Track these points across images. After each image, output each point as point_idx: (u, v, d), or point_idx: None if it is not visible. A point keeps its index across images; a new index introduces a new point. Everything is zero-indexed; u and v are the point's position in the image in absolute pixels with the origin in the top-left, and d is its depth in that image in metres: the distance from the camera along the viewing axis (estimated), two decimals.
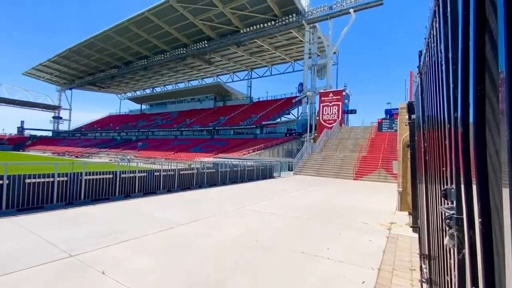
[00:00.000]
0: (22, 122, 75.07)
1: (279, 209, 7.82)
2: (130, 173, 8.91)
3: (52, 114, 78.02)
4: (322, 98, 32.97)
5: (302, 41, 39.48)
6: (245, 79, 59.38)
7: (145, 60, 50.89)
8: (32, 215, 6.22)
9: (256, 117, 46.82)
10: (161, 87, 71.62)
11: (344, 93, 32.47)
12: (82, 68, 60.83)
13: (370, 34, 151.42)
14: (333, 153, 21.39)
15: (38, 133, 76.01)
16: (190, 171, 11.44)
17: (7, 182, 6.27)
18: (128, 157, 36.82)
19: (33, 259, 3.81)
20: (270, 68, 55.19)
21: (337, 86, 41.03)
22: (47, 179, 6.91)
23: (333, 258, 4.25)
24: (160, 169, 10.01)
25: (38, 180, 6.72)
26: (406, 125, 4.72)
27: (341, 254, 4.42)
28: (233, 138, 45.24)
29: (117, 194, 8.47)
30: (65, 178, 7.24)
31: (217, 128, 48.74)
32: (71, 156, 46.96)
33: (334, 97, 31.96)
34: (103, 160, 38.85)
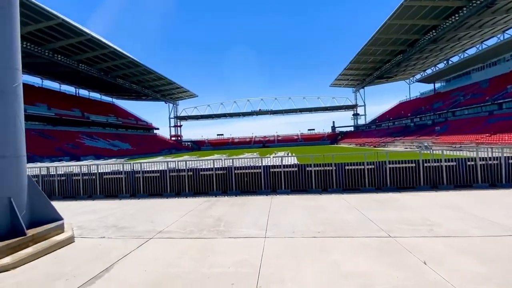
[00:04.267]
0: (333, 122, 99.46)
1: None
2: (435, 162, 8.08)
3: (351, 112, 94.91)
4: None
5: None
6: None
7: (433, 31, 44.18)
8: (352, 194, 7.85)
9: None
10: (459, 55, 57.82)
11: None
12: (370, 66, 67.21)
13: None
14: None
15: (344, 129, 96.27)
16: None
17: (334, 168, 8.52)
18: (425, 144, 34.06)
19: (360, 230, 4.75)
20: None
21: None
22: (359, 167, 8.38)
23: None
24: (475, 157, 7.99)
25: (353, 167, 8.39)
26: None
27: None
28: None
29: (422, 184, 8.09)
30: (372, 166, 8.31)
31: None
32: (370, 146, 53.45)
33: None
34: (398, 149, 39.56)
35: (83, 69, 53.02)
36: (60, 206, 5.46)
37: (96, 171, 9.60)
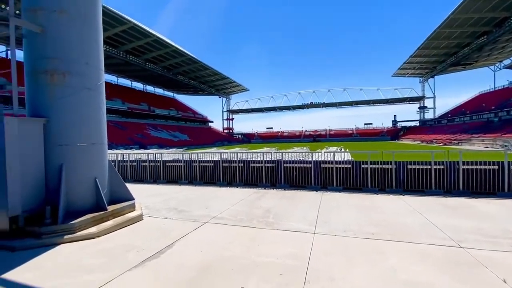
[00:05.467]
0: (395, 116, 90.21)
1: None
2: None
3: (417, 105, 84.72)
4: None
5: None
6: None
7: None
8: (413, 196, 7.09)
9: None
10: None
11: None
12: (442, 52, 58.61)
13: None
14: None
15: (407, 124, 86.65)
16: None
17: (394, 166, 7.80)
18: None
19: (423, 236, 4.29)
20: None
21: None
22: (424, 166, 7.50)
23: None
24: None
25: (417, 166, 7.55)
26: None
27: None
28: None
29: (506, 190, 6.83)
30: (441, 166, 7.34)
31: None
32: (438, 143, 47.13)
33: None
34: (476, 148, 34.02)
35: (150, 67, 59.25)
36: (131, 187, 6.30)
37: (160, 159, 10.74)
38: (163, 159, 10.77)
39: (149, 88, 78.53)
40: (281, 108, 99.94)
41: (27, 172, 4.60)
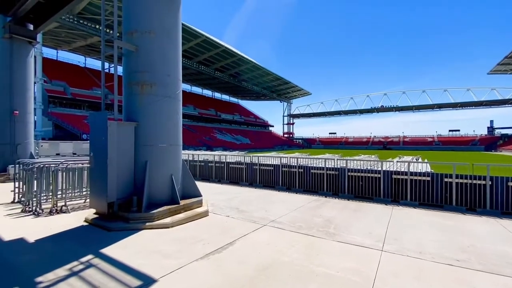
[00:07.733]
0: (491, 121, 74.69)
1: None
2: None
3: None
4: None
5: None
6: None
7: None
8: None
9: None
10: None
11: None
12: None
13: None
14: None
15: (509, 132, 70.41)
16: None
17: (490, 183, 6.45)
18: None
19: None
20: None
21: None
22: None
23: None
24: None
25: None
26: None
27: None
28: None
29: None
30: None
31: None
32: None
33: None
34: None
35: (218, 75, 64.22)
36: (198, 185, 6.89)
37: (224, 161, 11.48)
38: (227, 160, 11.48)
39: (217, 95, 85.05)
40: (346, 112, 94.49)
41: (122, 167, 5.55)
